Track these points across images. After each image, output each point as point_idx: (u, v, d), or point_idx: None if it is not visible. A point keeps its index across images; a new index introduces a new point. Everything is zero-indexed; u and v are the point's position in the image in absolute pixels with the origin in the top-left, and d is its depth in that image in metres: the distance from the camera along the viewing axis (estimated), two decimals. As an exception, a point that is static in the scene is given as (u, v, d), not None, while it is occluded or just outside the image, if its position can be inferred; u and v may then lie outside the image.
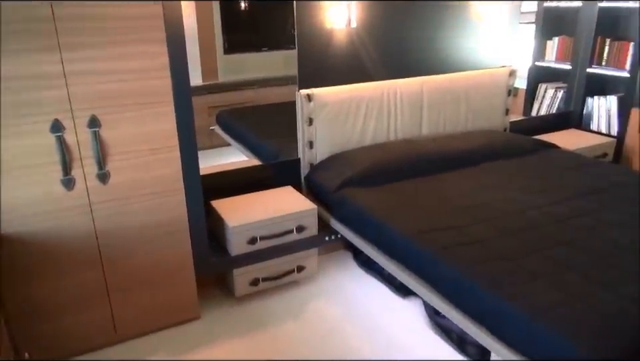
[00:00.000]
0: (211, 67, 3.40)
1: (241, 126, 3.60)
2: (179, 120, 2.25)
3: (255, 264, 2.65)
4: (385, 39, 3.27)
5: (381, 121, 3.29)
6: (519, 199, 2.64)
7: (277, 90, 3.62)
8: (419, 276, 2.26)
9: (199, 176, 2.41)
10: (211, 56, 3.37)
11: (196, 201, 2.43)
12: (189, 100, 2.28)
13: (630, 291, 1.80)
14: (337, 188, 2.83)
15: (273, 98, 3.62)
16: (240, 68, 3.53)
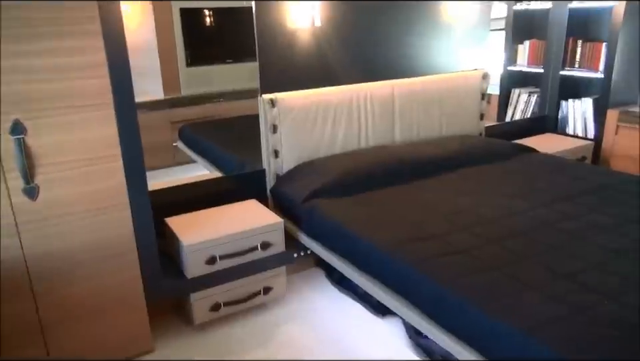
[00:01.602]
0: (173, 80, 3.19)
1: (206, 140, 3.38)
2: (120, 126, 1.98)
3: (215, 286, 2.37)
4: (352, 40, 3.08)
5: (351, 127, 3.08)
6: (502, 204, 2.45)
7: (244, 103, 3.42)
8: (397, 293, 2.02)
9: (147, 188, 2.13)
10: (172, 69, 3.16)
11: (144, 218, 2.14)
12: (132, 102, 2.02)
13: (632, 300, 1.60)
14: (306, 200, 2.58)
15: (240, 111, 3.42)
16: (204, 81, 3.33)
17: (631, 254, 1.92)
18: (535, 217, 2.29)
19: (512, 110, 4.46)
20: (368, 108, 3.12)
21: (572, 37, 3.92)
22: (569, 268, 1.83)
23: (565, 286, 1.71)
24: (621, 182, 2.76)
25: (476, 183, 2.78)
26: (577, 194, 2.58)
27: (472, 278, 1.79)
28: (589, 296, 1.63)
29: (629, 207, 2.39)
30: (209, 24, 3.36)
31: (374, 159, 2.89)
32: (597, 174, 2.91)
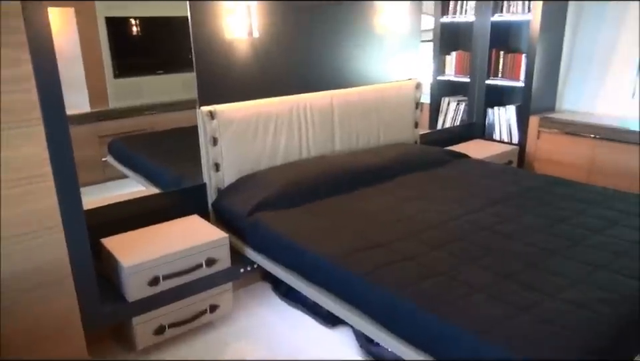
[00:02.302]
0: (100, 93, 3.04)
1: (139, 154, 3.25)
2: (51, 143, 1.84)
3: (158, 308, 2.26)
4: (290, 51, 3.08)
5: (292, 138, 3.07)
6: (441, 210, 2.54)
7: (178, 114, 3.34)
8: (348, 303, 2.03)
9: (82, 209, 1.99)
10: (99, 80, 3.01)
11: (79, 240, 2.00)
12: (63, 118, 1.89)
13: (571, 296, 1.71)
14: (250, 213, 2.54)
15: (174, 123, 3.33)
16: (134, 93, 3.21)
17: (563, 252, 2.05)
18: (474, 221, 2.40)
19: (442, 118, 4.66)
20: (308, 118, 3.13)
21: (495, 49, 4.17)
22: (509, 268, 1.92)
23: (508, 286, 1.79)
24: (547, 184, 2.95)
25: (415, 190, 2.86)
26: (509, 197, 2.72)
27: (421, 284, 1.83)
28: (531, 295, 1.72)
29: (556, 208, 2.55)
30: (136, 34, 3.24)
31: (316, 169, 2.90)
32: (525, 178, 3.09)
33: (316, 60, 3.22)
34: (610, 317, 1.58)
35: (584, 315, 1.58)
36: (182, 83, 3.46)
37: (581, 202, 2.64)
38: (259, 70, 2.96)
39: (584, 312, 1.60)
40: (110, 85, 3.05)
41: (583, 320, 1.55)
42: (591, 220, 2.38)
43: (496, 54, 4.18)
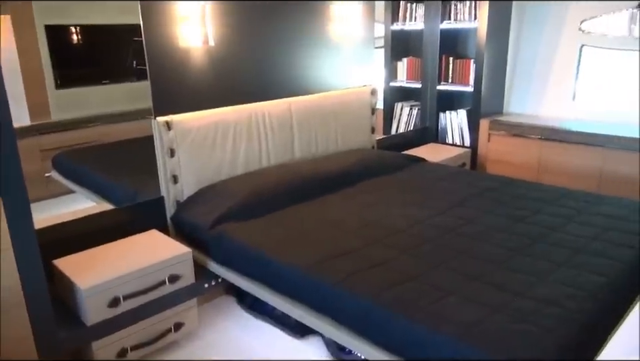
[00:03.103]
0: (41, 104, 2.88)
1: (87, 168, 3.10)
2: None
3: (120, 330, 2.14)
4: (247, 59, 3.03)
5: (252, 146, 3.01)
6: (405, 214, 2.57)
7: (128, 125, 3.21)
8: (318, 312, 2.00)
9: (33, 230, 1.85)
10: (39, 92, 2.85)
11: (31, 263, 1.86)
12: (11, 134, 1.76)
13: (539, 294, 1.76)
14: (213, 225, 2.46)
15: (124, 134, 3.19)
16: (78, 105, 3.06)
17: (525, 251, 2.12)
18: (438, 224, 2.43)
19: (396, 123, 4.74)
20: (267, 126, 3.09)
21: (444, 55, 4.29)
22: (477, 269, 1.96)
23: (478, 287, 1.82)
24: (501, 184, 3.05)
25: (377, 195, 2.88)
26: (468, 199, 2.79)
27: (393, 290, 1.83)
28: (502, 295, 1.76)
29: (513, 207, 2.64)
30: (79, 43, 3.09)
31: (278, 178, 2.86)
32: (480, 179, 3.18)
33: (273, 67, 3.19)
34: (578, 313, 1.64)
35: (554, 312, 1.63)
36: (130, 93, 3.33)
37: (535, 201, 2.74)
38: (215, 79, 2.89)
39: (553, 309, 1.65)
40: (52, 96, 2.89)
41: (554, 317, 1.60)
42: (547, 218, 2.48)
43: (446, 60, 4.30)
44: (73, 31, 3.04)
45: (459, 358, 1.52)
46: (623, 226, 2.33)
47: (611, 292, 1.80)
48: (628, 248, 2.10)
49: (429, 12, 4.23)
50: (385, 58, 4.64)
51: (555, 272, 1.92)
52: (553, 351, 1.45)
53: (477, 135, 4.18)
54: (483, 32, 3.94)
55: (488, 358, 1.45)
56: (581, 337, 1.56)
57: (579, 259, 2.02)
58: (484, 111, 4.15)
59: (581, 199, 2.75)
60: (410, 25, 4.44)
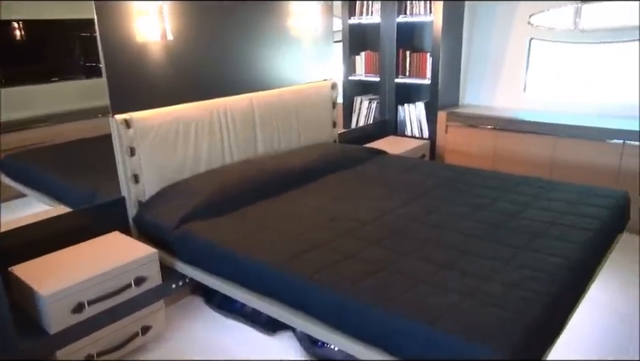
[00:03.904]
0: (-17, 104, 2.72)
1: (40, 170, 2.98)
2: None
3: (85, 337, 2.06)
4: (207, 54, 2.97)
5: (214, 143, 2.97)
6: (371, 207, 2.60)
7: (81, 124, 3.10)
8: (291, 306, 2.00)
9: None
10: (-19, 91, 2.70)
11: (-13, 272, 1.77)
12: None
13: (505, 278, 1.83)
14: (178, 225, 2.41)
15: (78, 134, 3.08)
16: (26, 104, 2.93)
17: (489, 237, 2.19)
18: (404, 215, 2.48)
19: (356, 116, 4.79)
20: (229, 122, 3.04)
21: (401, 48, 4.36)
22: (445, 257, 2.01)
23: (447, 274, 1.88)
24: (460, 174, 3.14)
25: (342, 189, 2.90)
26: (430, 189, 2.86)
27: (366, 281, 1.85)
28: (470, 280, 1.82)
29: (473, 196, 2.73)
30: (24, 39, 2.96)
31: (243, 175, 2.83)
32: (440, 169, 3.26)
33: (234, 63, 3.15)
34: (541, 294, 1.71)
35: (519, 294, 1.70)
36: (81, 91, 3.22)
37: (494, 189, 2.84)
38: (175, 75, 2.82)
39: (519, 291, 1.72)
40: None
41: (520, 299, 1.67)
42: (506, 205, 2.57)
43: (403, 54, 4.37)
44: (17, 27, 2.90)
45: (433, 344, 1.55)
46: (577, 210, 2.45)
47: (570, 273, 1.90)
48: (583, 230, 2.22)
49: (385, 6, 4.28)
50: (343, 52, 4.67)
51: (517, 256, 2.00)
52: (520, 332, 1.51)
53: (434, 127, 4.28)
54: (438, 27, 4.03)
55: (460, 343, 1.50)
56: (545, 316, 1.64)
57: (538, 243, 2.11)
58: (441, 103, 4.25)
59: (535, 185, 2.86)
60: (367, 19, 4.49)
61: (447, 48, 4.14)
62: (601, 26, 3.77)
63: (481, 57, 4.38)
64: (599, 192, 2.69)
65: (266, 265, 2.04)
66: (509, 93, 4.29)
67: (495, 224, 2.34)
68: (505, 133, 3.93)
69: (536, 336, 1.59)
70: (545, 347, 1.71)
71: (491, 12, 4.23)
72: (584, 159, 3.58)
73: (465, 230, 2.28)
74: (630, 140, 3.39)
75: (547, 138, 3.73)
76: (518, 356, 1.46)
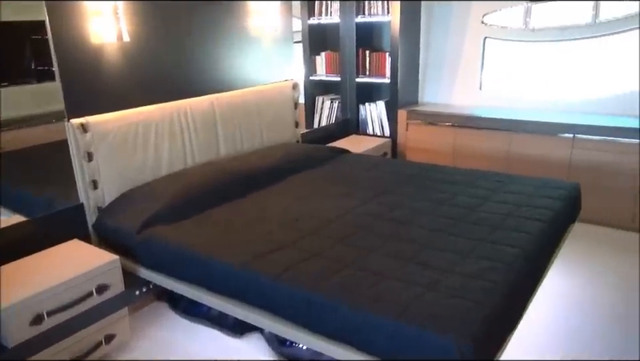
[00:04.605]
0: None
1: None
2: None
3: (45, 349, 2.00)
4: (166, 55, 2.93)
5: (175, 146, 2.93)
6: (335, 205, 2.63)
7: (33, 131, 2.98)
8: (258, 307, 2.00)
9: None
10: None
11: (-62, 286, 1.69)
12: None
13: (465, 269, 1.89)
14: (140, 229, 2.37)
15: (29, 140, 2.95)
16: None
17: (449, 231, 2.26)
18: (367, 212, 2.52)
19: (318, 116, 4.81)
20: (190, 124, 3.01)
21: (361, 48, 4.41)
22: (408, 252, 2.06)
23: (410, 268, 1.92)
24: (421, 170, 3.21)
25: (306, 189, 2.92)
26: (393, 186, 2.91)
27: (332, 279, 1.87)
28: (433, 273, 1.87)
29: (434, 191, 2.80)
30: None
31: (205, 177, 2.80)
32: (402, 167, 3.33)
33: (194, 64, 3.11)
34: (500, 283, 1.78)
35: (479, 285, 1.76)
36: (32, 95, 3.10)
37: (454, 184, 2.92)
38: (133, 77, 2.76)
39: (479, 282, 1.78)
40: (-61, 103, 2.63)
41: (480, 290, 1.73)
42: (466, 199, 2.65)
43: (362, 54, 4.43)
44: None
45: (399, 336, 1.59)
46: (532, 202, 2.55)
47: (526, 262, 1.98)
48: (537, 221, 2.31)
49: (344, 6, 4.33)
50: (303, 52, 4.69)
51: (477, 248, 2.07)
52: (481, 321, 1.57)
53: (395, 125, 4.36)
54: (396, 26, 4.11)
55: (425, 335, 1.54)
56: (504, 304, 1.71)
57: (496, 234, 2.19)
58: (401, 102, 4.33)
59: (493, 180, 2.96)
60: (326, 20, 4.52)
61: (405, 47, 4.22)
62: (549, 25, 3.93)
63: (438, 56, 4.48)
64: (551, 184, 2.81)
65: (231, 266, 2.04)
66: (466, 91, 4.42)
67: (455, 218, 2.41)
68: (463, 130, 4.04)
69: (496, 324, 1.65)
70: (506, 333, 1.78)
71: (446, 12, 4.34)
72: (538, 153, 3.72)
73: (427, 224, 2.34)
74: (579, 134, 3.55)
75: (503, 133, 3.86)
76: (480, 343, 1.51)
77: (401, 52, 4.17)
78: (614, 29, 3.70)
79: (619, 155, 3.42)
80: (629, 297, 2.72)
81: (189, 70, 3.09)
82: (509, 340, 1.80)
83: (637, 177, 3.38)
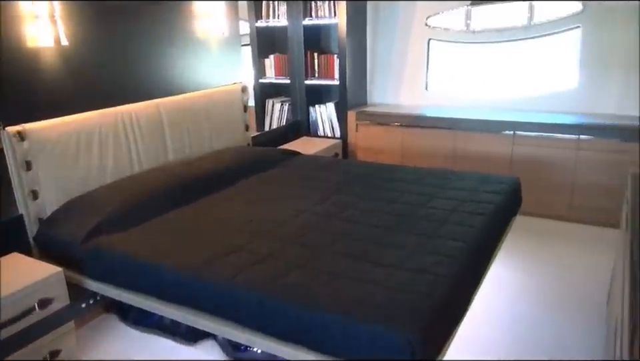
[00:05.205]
0: None
1: None
2: None
3: (-16, 370, 1.90)
4: (108, 59, 2.84)
5: (120, 152, 2.85)
6: (287, 207, 2.63)
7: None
8: (211, 313, 1.98)
9: None
10: None
11: None
12: None
13: (413, 264, 1.94)
14: (86, 239, 2.29)
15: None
16: None
17: (398, 228, 2.31)
18: (319, 212, 2.54)
19: (269, 119, 4.80)
20: (136, 129, 2.94)
21: (309, 50, 4.44)
22: (359, 250, 2.09)
23: (361, 266, 1.95)
24: (372, 170, 3.27)
25: (258, 192, 2.91)
26: (344, 186, 2.95)
27: (285, 280, 1.88)
28: (382, 270, 1.90)
29: (384, 190, 2.85)
30: None
31: (154, 183, 2.74)
32: (352, 167, 3.38)
33: (138, 67, 3.04)
34: (446, 276, 1.84)
35: (427, 279, 1.82)
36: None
37: (402, 182, 2.99)
38: (73, 82, 2.67)
39: (426, 276, 1.84)
40: None
41: (427, 283, 1.79)
42: (414, 196, 2.72)
43: (311, 56, 4.46)
44: None
45: (351, 334, 1.62)
46: (475, 197, 2.65)
47: (470, 255, 2.06)
48: (480, 215, 2.41)
49: (291, 9, 4.34)
50: (252, 55, 4.66)
51: (424, 243, 2.13)
52: (428, 314, 1.62)
53: (345, 126, 4.42)
54: (343, 28, 4.16)
55: (376, 329, 1.57)
56: (451, 296, 1.77)
57: (442, 230, 2.27)
58: (350, 103, 4.39)
59: (440, 177, 3.06)
60: (274, 22, 4.52)
61: (352, 49, 4.29)
62: (489, 27, 4.10)
63: (385, 57, 4.58)
64: (493, 179, 2.93)
65: (182, 272, 2.00)
66: (413, 91, 4.53)
67: (404, 215, 2.47)
68: (411, 129, 4.15)
69: (443, 315, 1.71)
70: (453, 324, 1.84)
71: (392, 14, 4.44)
72: (482, 150, 3.88)
73: (377, 223, 2.38)
74: (519, 131, 3.72)
75: (448, 132, 3.99)
76: (427, 333, 1.56)
77: (349, 54, 4.24)
78: (548, 30, 3.91)
79: (556, 150, 3.62)
80: (569, 284, 2.88)
81: (132, 74, 3.01)
82: (457, 329, 1.87)
83: (572, 171, 3.58)
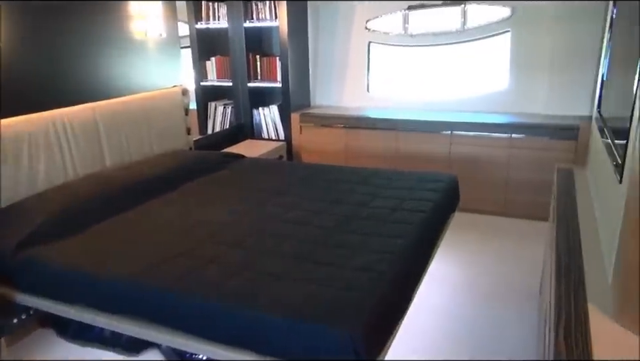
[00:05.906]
0: None
1: None
2: None
3: None
4: (37, 61, 2.71)
5: (53, 159, 2.72)
6: (230, 210, 2.61)
7: None
8: (153, 321, 1.93)
9: None
10: None
11: None
12: None
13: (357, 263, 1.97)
14: (16, 251, 2.16)
15: None
16: None
17: (343, 228, 2.35)
18: (263, 215, 2.54)
19: (212, 122, 4.73)
20: (69, 135, 2.81)
21: (251, 53, 4.42)
22: (303, 251, 2.10)
23: (306, 267, 1.96)
24: (316, 171, 3.30)
25: (201, 196, 2.86)
26: (288, 188, 2.96)
27: (229, 284, 1.86)
28: (328, 269, 1.92)
29: (329, 191, 2.88)
30: None
31: (89, 190, 2.64)
32: (297, 169, 3.40)
33: (69, 70, 2.91)
34: (388, 273, 1.89)
35: (370, 276, 1.86)
36: None
37: (347, 183, 3.04)
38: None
39: (370, 273, 1.88)
40: None
41: (370, 281, 1.83)
42: (358, 196, 2.77)
43: (253, 58, 4.44)
44: None
45: (295, 335, 1.62)
46: (415, 195, 2.73)
47: (410, 251, 2.12)
48: (420, 212, 2.49)
49: (232, 11, 4.31)
50: (192, 57, 4.59)
51: (367, 242, 2.18)
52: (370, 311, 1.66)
53: (289, 128, 4.43)
54: (284, 31, 4.18)
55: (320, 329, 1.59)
56: (393, 293, 1.82)
57: (384, 228, 2.32)
58: (293, 105, 4.41)
59: (382, 177, 3.13)
60: (214, 24, 4.47)
61: (294, 51, 4.31)
62: (425, 31, 4.24)
63: (327, 59, 4.64)
64: (431, 177, 3.04)
65: (120, 280, 1.94)
66: (355, 93, 4.62)
67: (347, 215, 2.51)
68: (354, 130, 4.22)
69: (386, 311, 1.75)
70: (396, 319, 1.89)
71: (332, 17, 4.50)
72: (422, 149, 4.00)
73: (322, 223, 2.40)
74: (456, 131, 3.87)
75: (390, 132, 4.09)
76: (370, 329, 1.60)
77: (291, 56, 4.25)
78: (480, 35, 4.10)
79: (491, 149, 3.80)
80: (506, 276, 3.03)
81: (64, 78, 2.89)
82: (400, 324, 1.92)
83: (506, 168, 3.77)
